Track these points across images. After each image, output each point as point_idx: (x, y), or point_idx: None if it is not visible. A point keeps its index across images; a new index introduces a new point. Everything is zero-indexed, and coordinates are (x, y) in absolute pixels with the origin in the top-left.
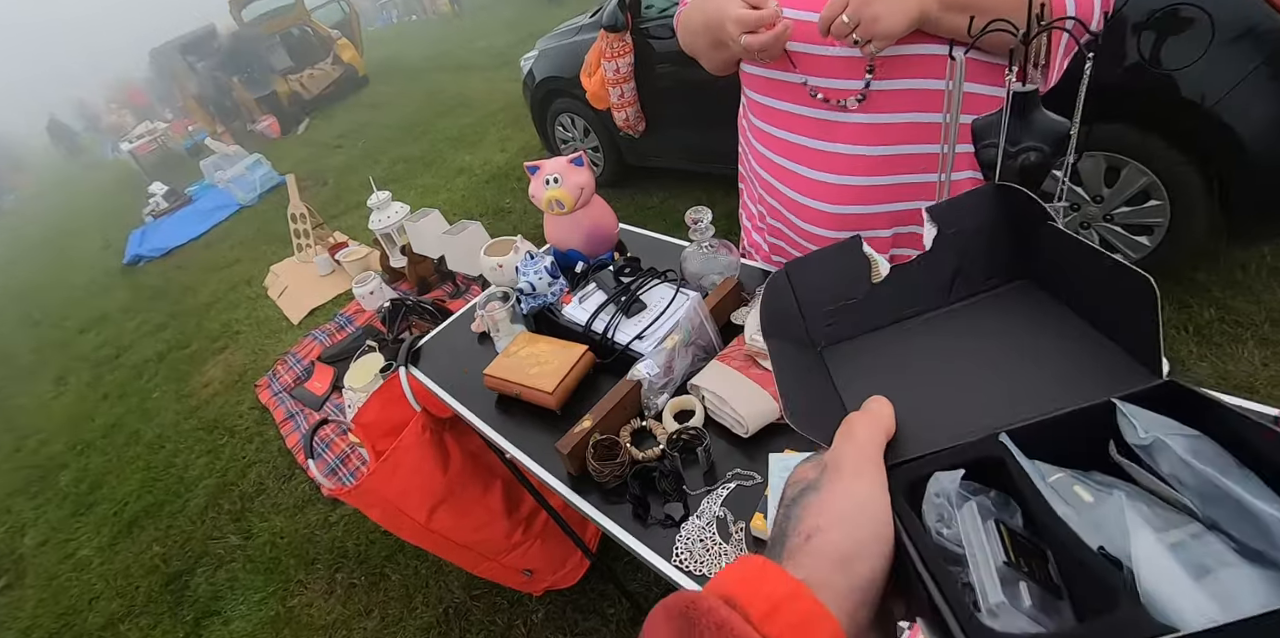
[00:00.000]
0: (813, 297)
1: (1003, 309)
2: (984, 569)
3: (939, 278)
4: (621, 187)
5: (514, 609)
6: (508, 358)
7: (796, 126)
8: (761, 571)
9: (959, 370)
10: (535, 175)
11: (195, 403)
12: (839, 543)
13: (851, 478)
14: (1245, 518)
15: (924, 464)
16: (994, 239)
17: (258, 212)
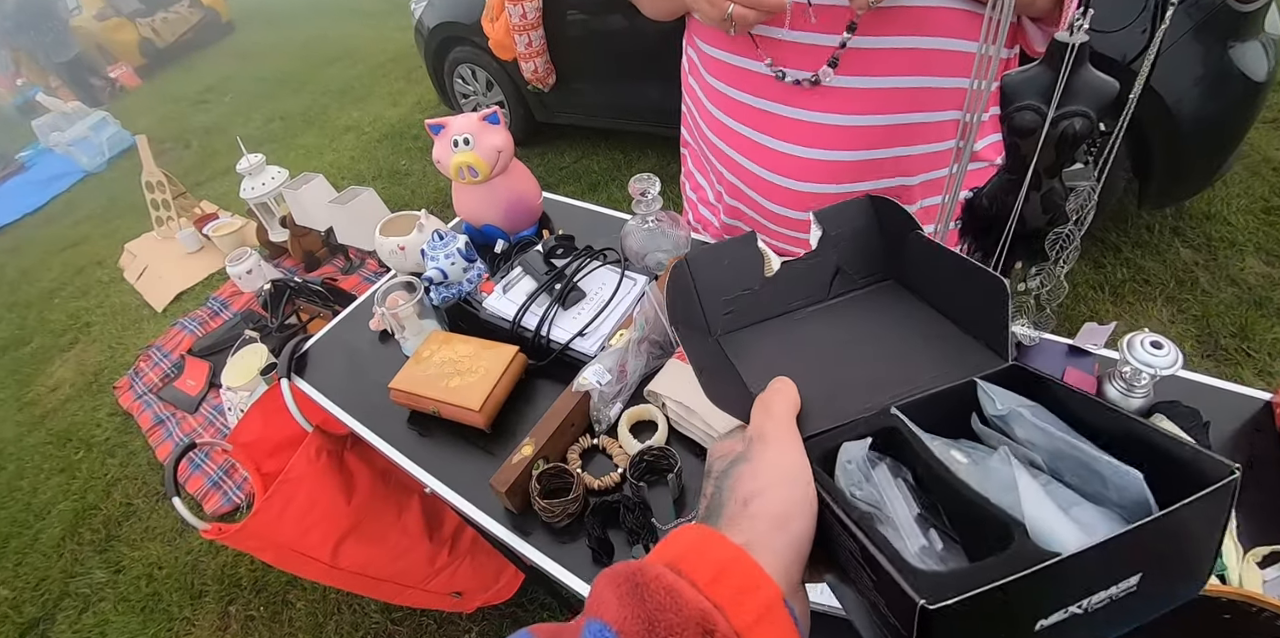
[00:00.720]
0: (712, 287)
1: (876, 305)
2: (903, 520)
3: (822, 275)
4: (530, 146)
5: (443, 630)
6: (419, 365)
7: (762, 89)
8: (703, 538)
9: (844, 356)
10: (439, 136)
11: (41, 411)
12: (775, 504)
13: (777, 446)
14: (1085, 469)
15: (831, 437)
16: (868, 243)
17: (106, 179)
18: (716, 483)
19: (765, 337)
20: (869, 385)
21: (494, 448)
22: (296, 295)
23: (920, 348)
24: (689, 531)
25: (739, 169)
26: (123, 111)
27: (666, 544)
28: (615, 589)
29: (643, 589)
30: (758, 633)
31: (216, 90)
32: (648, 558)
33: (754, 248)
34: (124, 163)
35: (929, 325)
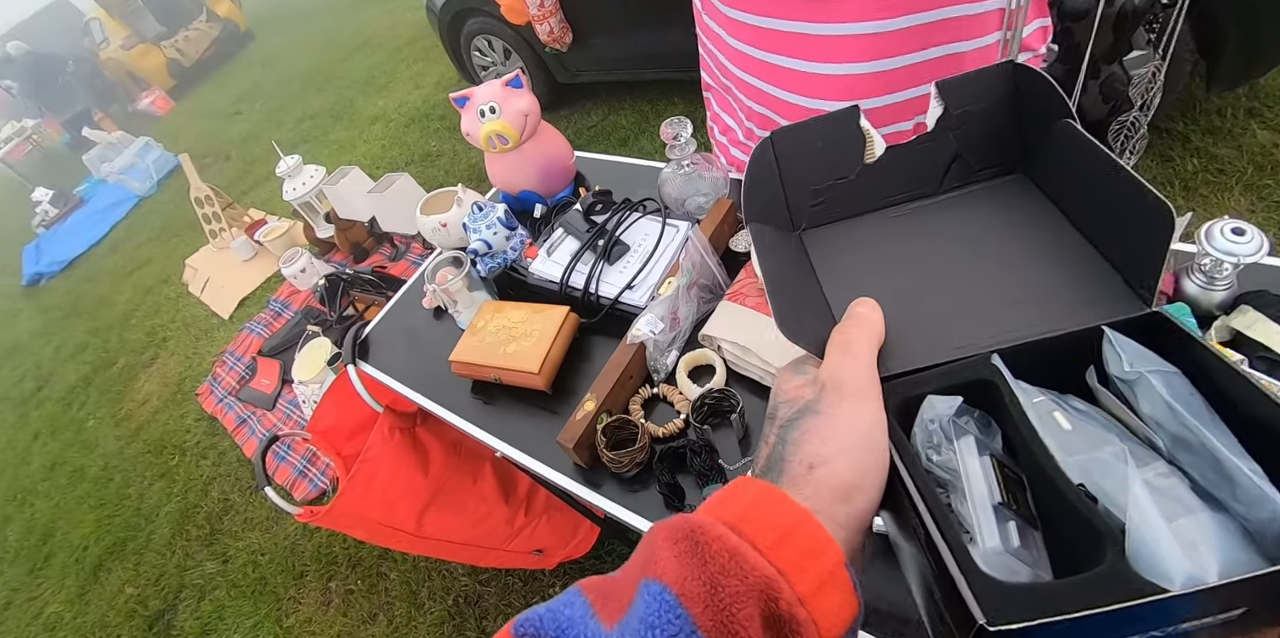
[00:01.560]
0: (799, 172)
1: (994, 204)
2: (980, 510)
3: (936, 163)
4: (555, 109)
5: (528, 588)
6: (475, 336)
7: (778, 9)
8: (766, 497)
9: (945, 270)
10: (465, 108)
11: (135, 425)
12: (842, 474)
13: (854, 402)
14: (1212, 467)
15: (915, 382)
16: (1000, 126)
17: (159, 202)
18: (780, 434)
19: (856, 235)
20: (972, 316)
21: (557, 407)
22: (350, 287)
23: (1042, 270)
24: (750, 486)
25: (768, 99)
26: (163, 133)
27: (725, 500)
28: (673, 547)
29: (704, 550)
30: (820, 600)
31: (246, 100)
32: (705, 513)
33: (854, 126)
34: (173, 183)
35: (1058, 241)
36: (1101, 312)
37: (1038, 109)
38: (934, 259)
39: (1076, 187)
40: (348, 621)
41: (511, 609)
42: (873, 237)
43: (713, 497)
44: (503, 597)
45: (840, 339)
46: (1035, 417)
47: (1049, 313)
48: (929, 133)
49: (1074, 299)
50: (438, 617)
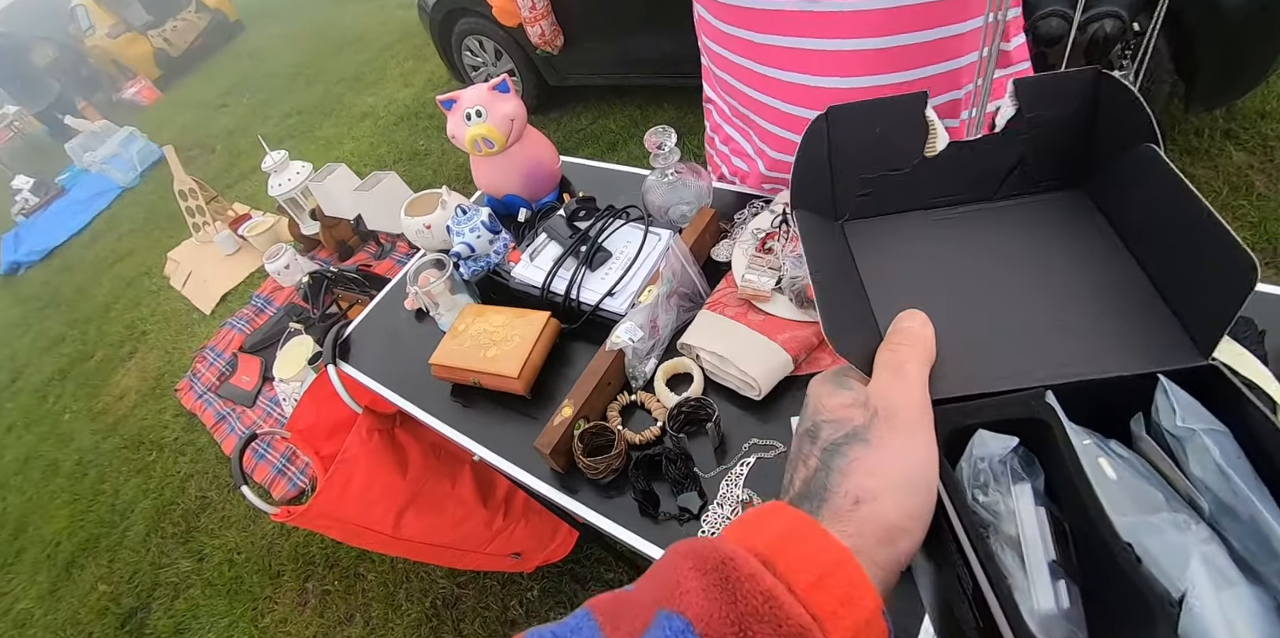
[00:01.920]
0: (852, 157)
1: (1049, 221)
2: (1036, 568)
3: (996, 167)
4: (545, 111)
5: (507, 590)
6: (456, 339)
7: (777, 26)
8: (803, 529)
9: (992, 287)
10: (452, 110)
11: (112, 419)
12: (889, 515)
13: (907, 434)
14: (1255, 537)
15: (964, 412)
16: (1072, 137)
17: (142, 193)
18: (823, 458)
19: (902, 234)
20: (1021, 343)
21: (536, 412)
22: (334, 285)
23: (1093, 301)
24: (783, 514)
25: (768, 111)
26: (147, 124)
27: (755, 526)
28: (700, 578)
29: (735, 588)
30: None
31: (234, 92)
32: (734, 540)
33: (919, 113)
34: (156, 174)
35: (1113, 271)
36: (1155, 357)
37: (1117, 126)
38: (981, 273)
39: (1146, 218)
40: (324, 621)
41: (489, 612)
42: (919, 238)
43: (742, 520)
44: (480, 599)
45: (893, 359)
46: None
47: (1099, 351)
48: (995, 134)
49: (1126, 339)
50: (415, 619)
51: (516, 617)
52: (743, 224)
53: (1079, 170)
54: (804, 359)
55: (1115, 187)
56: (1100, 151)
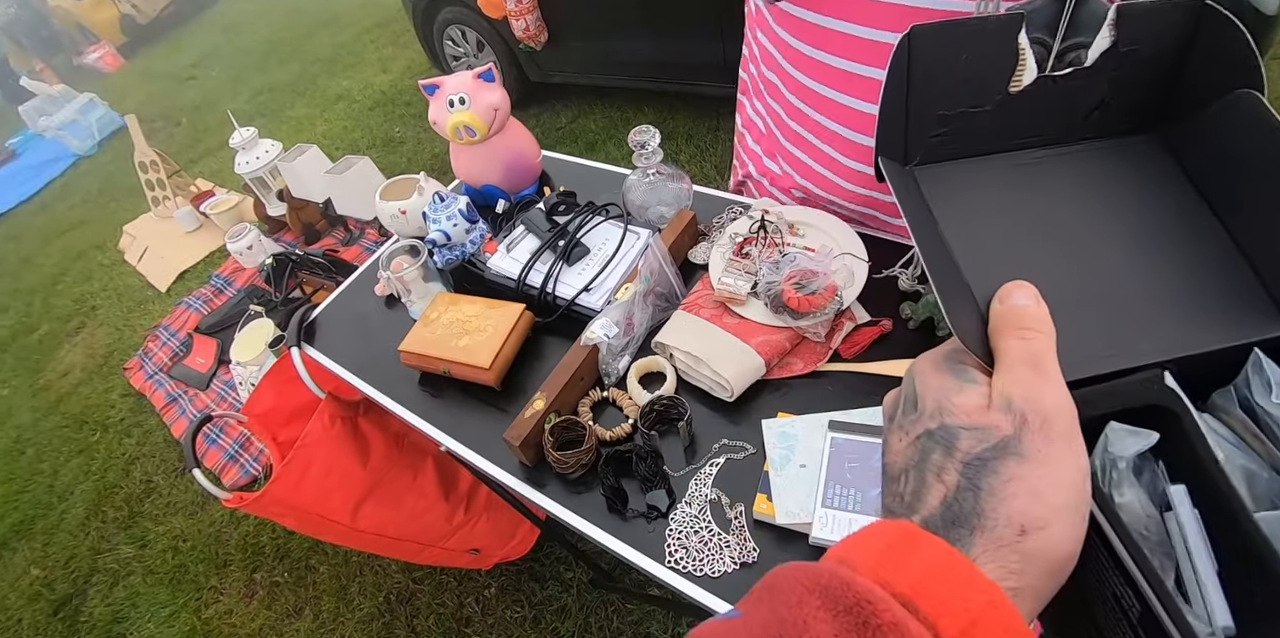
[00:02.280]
0: (932, 90)
1: (1128, 170)
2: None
3: (1078, 105)
4: (524, 107)
5: (463, 587)
6: (428, 326)
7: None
8: (949, 566)
9: (1080, 244)
10: (434, 96)
11: (55, 396)
12: (1060, 543)
13: (1065, 446)
14: None
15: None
16: (1163, 76)
17: (99, 162)
18: (968, 475)
19: (979, 183)
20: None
21: (505, 405)
22: (299, 268)
23: (1182, 265)
24: (925, 545)
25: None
26: (109, 92)
27: (893, 558)
28: (832, 620)
29: (873, 633)
30: None
31: (203, 65)
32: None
33: (1012, 40)
34: (115, 144)
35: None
36: (1246, 327)
37: (1213, 67)
38: (1064, 229)
39: (1238, 176)
40: (271, 614)
41: (445, 609)
42: (997, 187)
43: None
44: (436, 596)
45: (1029, 351)
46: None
47: (1194, 320)
48: (1086, 68)
49: (1215, 307)
50: (367, 614)
51: (472, 614)
52: (720, 228)
53: (1159, 113)
54: (776, 364)
55: (1201, 135)
56: (1188, 94)
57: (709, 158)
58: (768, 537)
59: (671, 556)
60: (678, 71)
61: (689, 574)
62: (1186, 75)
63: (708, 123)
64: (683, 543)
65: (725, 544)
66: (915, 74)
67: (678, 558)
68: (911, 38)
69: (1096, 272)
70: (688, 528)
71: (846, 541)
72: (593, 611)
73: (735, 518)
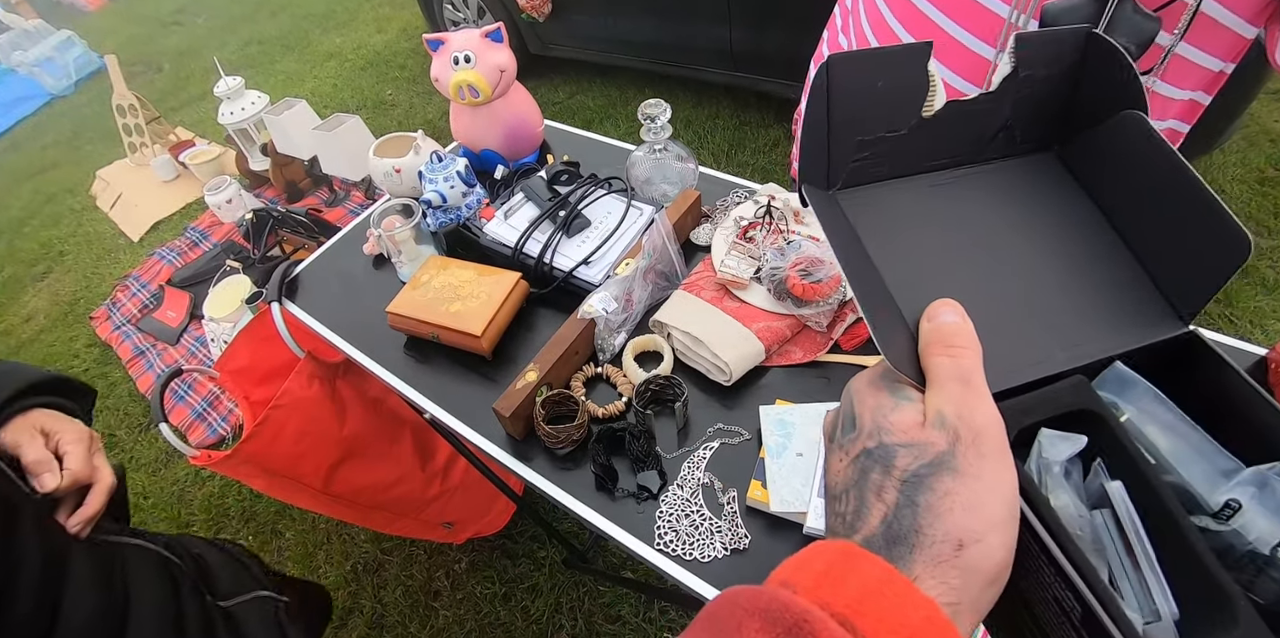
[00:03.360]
0: (851, 116)
1: (1032, 185)
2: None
3: (986, 127)
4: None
5: (434, 560)
6: (418, 289)
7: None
8: (888, 584)
9: (998, 259)
10: (438, 52)
11: (16, 342)
12: (995, 554)
13: (996, 460)
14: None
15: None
16: (1058, 98)
17: (74, 104)
18: (905, 492)
19: (900, 204)
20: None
21: (495, 375)
22: (280, 226)
23: (1087, 272)
24: (864, 565)
25: None
26: (90, 31)
27: (833, 578)
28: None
29: None
30: None
31: (189, 11)
32: (805, 593)
33: (920, 68)
34: (93, 86)
35: (1096, 239)
36: (1148, 330)
37: (1102, 90)
38: (982, 245)
39: (1129, 187)
40: None
41: (413, 581)
42: (918, 207)
43: (808, 562)
44: (405, 567)
45: (958, 368)
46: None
47: (1100, 326)
48: (991, 92)
49: (1117, 312)
50: (333, 583)
51: (441, 588)
52: (725, 211)
53: (1054, 133)
54: (775, 351)
55: (1094, 151)
56: (1081, 115)
57: (706, 145)
58: (759, 524)
59: (661, 538)
60: (682, 55)
61: (678, 558)
62: (1079, 98)
63: (708, 109)
64: (672, 526)
65: (716, 529)
66: (835, 102)
67: (667, 541)
68: (829, 66)
69: (1013, 285)
70: (678, 511)
71: (787, 562)
72: (564, 591)
73: (727, 504)
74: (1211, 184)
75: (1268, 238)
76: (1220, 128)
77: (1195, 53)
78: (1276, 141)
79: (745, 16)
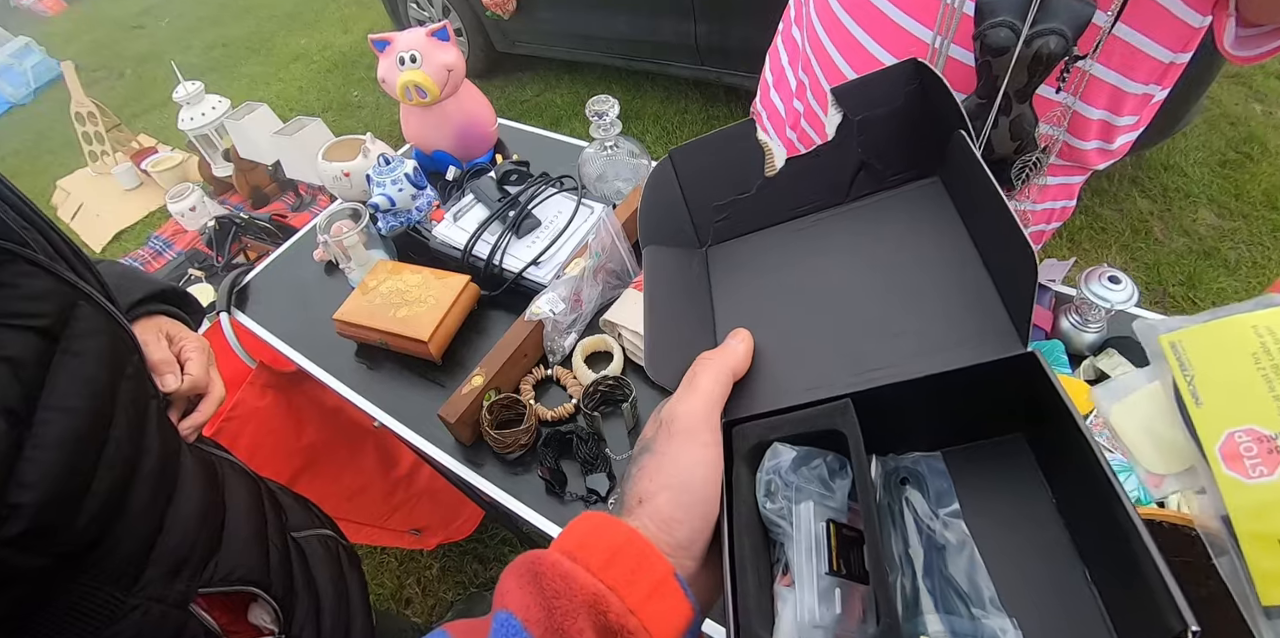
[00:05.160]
0: (701, 189)
1: (903, 215)
2: (807, 583)
3: (842, 171)
4: (489, 77)
5: (404, 567)
6: (366, 295)
7: None
8: (602, 524)
9: (834, 293)
10: (385, 53)
11: None
12: (663, 509)
13: (681, 440)
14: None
15: (771, 427)
16: (910, 128)
17: (34, 112)
18: (628, 468)
19: (759, 251)
20: (839, 350)
21: (445, 381)
22: (243, 233)
23: (936, 294)
24: (591, 518)
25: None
26: (50, 37)
27: (570, 532)
28: (517, 579)
29: (540, 577)
30: (650, 609)
31: (152, 13)
32: (555, 545)
33: (751, 140)
34: (52, 94)
35: (959, 260)
36: (981, 349)
37: (939, 114)
38: (827, 279)
39: (972, 205)
40: None
41: (383, 589)
42: (774, 252)
43: (569, 529)
44: (375, 575)
45: (689, 373)
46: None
47: (924, 347)
48: (830, 141)
49: (958, 331)
50: None
51: (412, 595)
52: None
53: (929, 159)
54: None
55: (951, 172)
56: (939, 138)
57: (675, 140)
58: None
59: None
60: (649, 50)
61: None
62: (932, 121)
63: (676, 104)
64: None
65: None
66: (684, 180)
67: None
68: (672, 158)
69: (834, 315)
70: None
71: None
72: None
73: None
74: (1173, 167)
75: (1229, 220)
76: (1179, 113)
77: (1145, 42)
78: (1237, 124)
79: (710, 10)
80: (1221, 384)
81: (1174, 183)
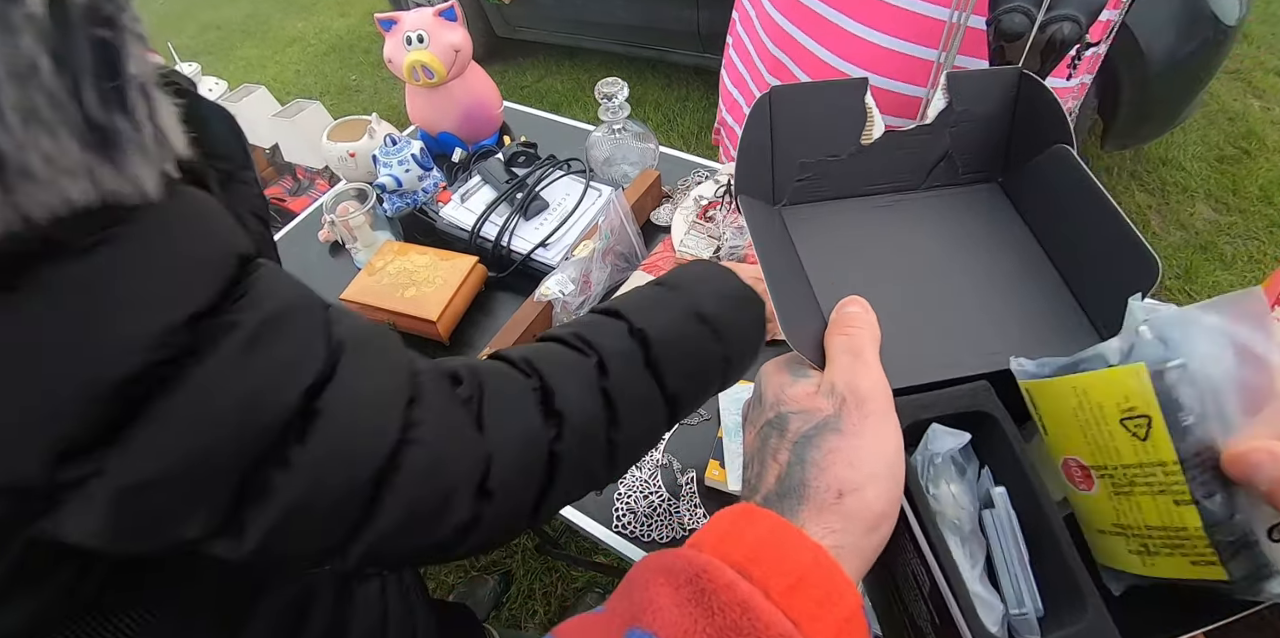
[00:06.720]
0: (792, 140)
1: (971, 212)
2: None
3: (926, 157)
4: (489, 62)
5: None
6: (373, 275)
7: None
8: (779, 533)
9: (924, 275)
10: (391, 32)
11: None
12: (874, 504)
13: (878, 420)
14: None
15: (919, 405)
16: (995, 132)
17: None
18: (795, 451)
19: (839, 221)
20: (954, 331)
21: None
22: None
23: (1012, 291)
24: (758, 518)
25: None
26: None
27: (731, 534)
28: (674, 593)
29: (710, 599)
30: None
31: None
32: (709, 549)
33: (859, 100)
34: None
35: (1028, 262)
36: (1068, 346)
37: (1034, 125)
38: (913, 260)
39: (1057, 214)
40: None
41: None
42: (856, 225)
43: (715, 525)
44: None
45: (850, 343)
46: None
47: (1016, 338)
48: (928, 125)
49: (1040, 328)
50: None
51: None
52: (685, 190)
53: (996, 165)
54: None
55: (1029, 183)
56: (1016, 149)
57: (675, 127)
58: (717, 504)
59: (619, 520)
60: (650, 36)
61: (635, 539)
62: (1016, 132)
63: (677, 92)
64: (631, 507)
65: (674, 510)
66: (777, 126)
67: (625, 522)
68: (771, 97)
69: (934, 298)
70: (637, 492)
71: (699, 530)
72: (537, 577)
73: (686, 484)
74: (1171, 162)
75: (1226, 214)
76: (1179, 108)
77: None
78: (1235, 120)
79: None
80: (1056, 424)
81: (1172, 177)
